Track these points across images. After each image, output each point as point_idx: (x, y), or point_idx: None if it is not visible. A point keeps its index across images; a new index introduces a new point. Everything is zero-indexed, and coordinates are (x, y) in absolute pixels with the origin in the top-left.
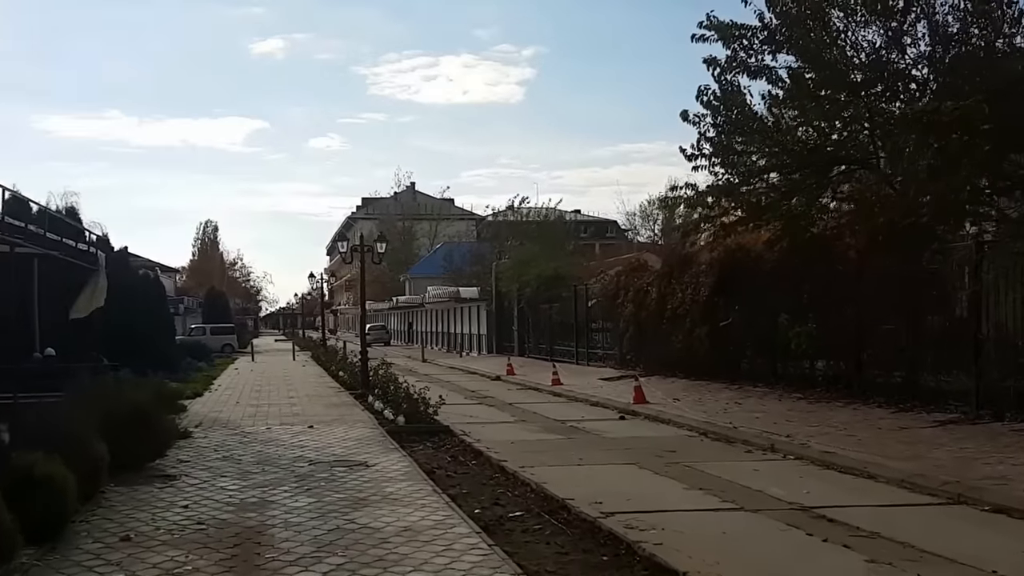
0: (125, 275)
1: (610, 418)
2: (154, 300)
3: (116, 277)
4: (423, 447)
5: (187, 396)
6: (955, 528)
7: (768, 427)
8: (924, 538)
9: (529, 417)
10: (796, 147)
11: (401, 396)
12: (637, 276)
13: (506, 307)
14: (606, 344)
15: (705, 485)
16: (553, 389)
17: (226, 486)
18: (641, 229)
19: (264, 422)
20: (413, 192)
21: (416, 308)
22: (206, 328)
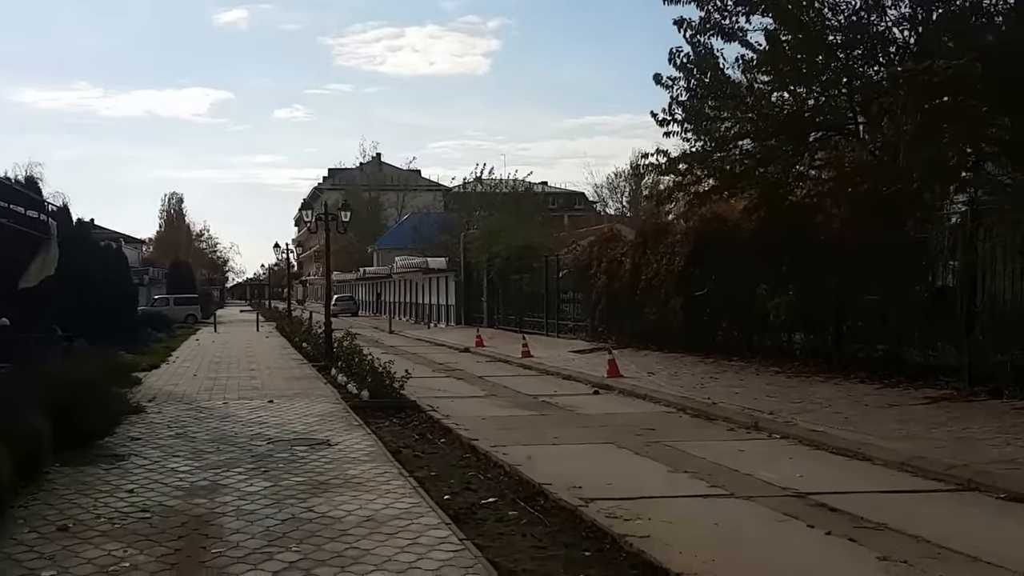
0: (84, 246)
1: (583, 392)
2: (114, 271)
3: (75, 248)
4: (389, 424)
5: (143, 368)
6: (971, 519)
7: (749, 403)
8: (938, 531)
9: (500, 391)
10: (771, 112)
11: (365, 369)
12: (610, 247)
13: (475, 278)
14: (577, 316)
15: (690, 467)
16: (524, 362)
17: (177, 467)
18: (609, 201)
19: (222, 396)
20: (379, 163)
21: (384, 279)
22: (169, 299)
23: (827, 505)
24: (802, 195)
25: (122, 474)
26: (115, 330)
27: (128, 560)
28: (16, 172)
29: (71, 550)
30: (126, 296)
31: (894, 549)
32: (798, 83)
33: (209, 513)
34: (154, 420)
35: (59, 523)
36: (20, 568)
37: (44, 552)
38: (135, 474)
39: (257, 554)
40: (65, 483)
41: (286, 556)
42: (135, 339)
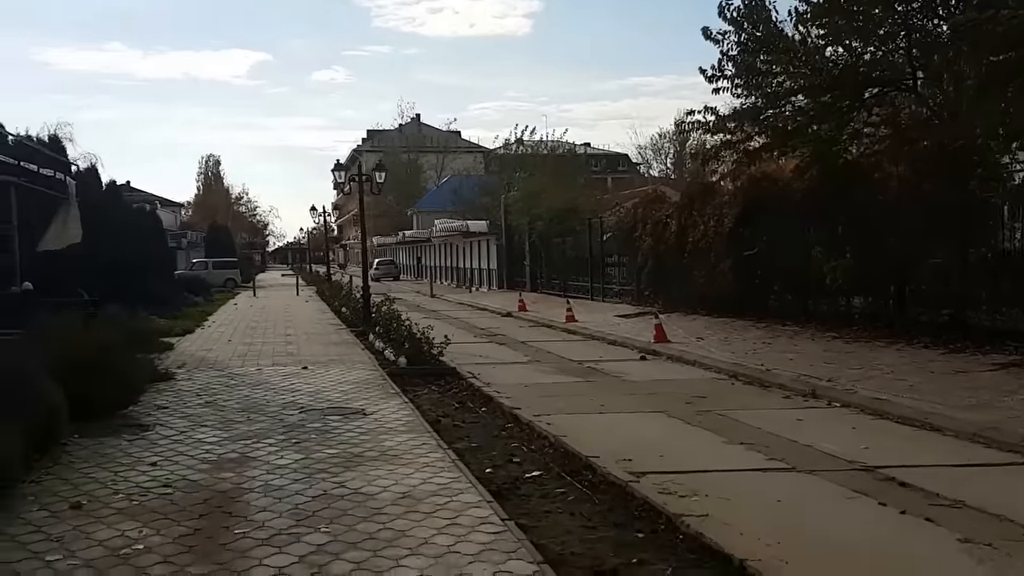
0: (116, 208)
1: (630, 358)
2: (149, 234)
3: (105, 210)
4: (427, 392)
5: (176, 333)
6: None
7: (805, 369)
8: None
9: (543, 357)
10: (825, 67)
11: (403, 335)
12: (655, 208)
13: (516, 241)
14: (622, 279)
15: (746, 438)
16: (568, 326)
17: (204, 438)
18: (653, 162)
19: (255, 362)
20: (418, 124)
21: (424, 242)
22: (208, 263)
23: (897, 479)
24: (857, 153)
25: (145, 446)
26: (149, 294)
27: (142, 541)
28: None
29: (82, 530)
30: (161, 260)
31: (976, 530)
32: (854, 37)
33: (235, 488)
34: (183, 388)
35: (72, 500)
36: (22, 551)
37: (52, 533)
38: (159, 446)
39: (283, 535)
40: (83, 456)
41: (314, 538)
42: (170, 303)
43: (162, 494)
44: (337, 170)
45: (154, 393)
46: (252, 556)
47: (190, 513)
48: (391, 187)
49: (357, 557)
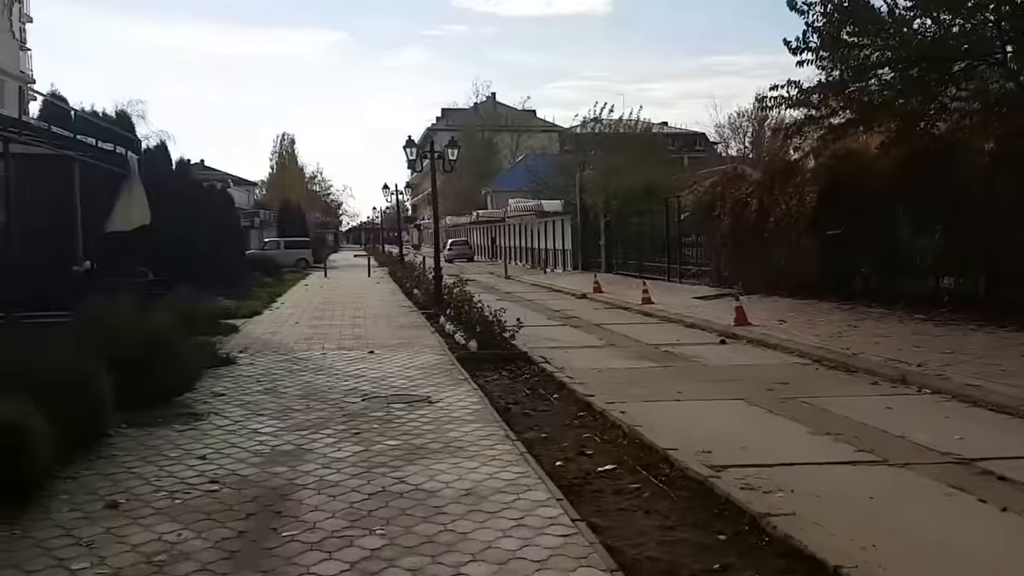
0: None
1: (709, 342)
2: (219, 213)
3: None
4: (497, 377)
5: (243, 315)
6: None
7: (893, 354)
8: None
9: (618, 340)
10: (914, 40)
11: (474, 318)
12: (735, 187)
13: (591, 221)
14: (700, 260)
15: (832, 428)
16: (644, 309)
17: (260, 428)
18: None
19: (321, 346)
20: (493, 103)
21: (498, 223)
22: (280, 242)
23: (995, 473)
24: (945, 129)
25: (196, 437)
26: (217, 274)
27: (181, 546)
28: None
29: (115, 533)
30: (232, 239)
31: None
32: (942, 8)
33: (287, 485)
34: (243, 373)
35: (109, 498)
36: (47, 558)
37: (82, 536)
38: (211, 436)
39: (335, 538)
40: (128, 447)
41: (369, 541)
42: (239, 284)
43: (208, 491)
44: (409, 147)
45: (213, 379)
46: (299, 563)
47: (236, 513)
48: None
49: (414, 563)
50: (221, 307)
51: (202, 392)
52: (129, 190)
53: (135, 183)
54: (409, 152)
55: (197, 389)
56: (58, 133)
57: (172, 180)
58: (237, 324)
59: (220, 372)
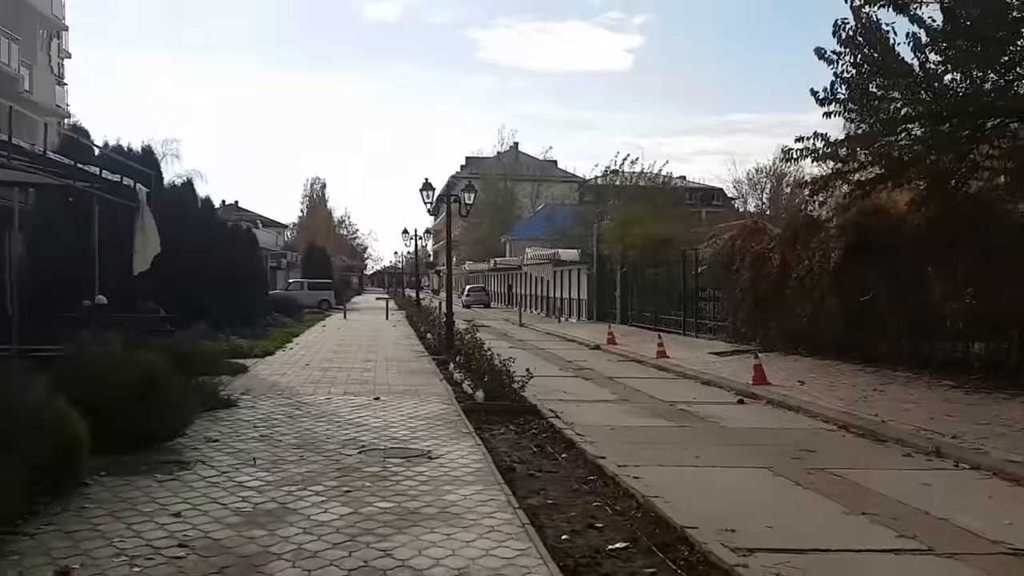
0: (210, 225)
1: (726, 401)
2: (242, 252)
3: (199, 226)
4: (504, 431)
5: (255, 355)
6: None
7: (924, 423)
8: None
9: (632, 396)
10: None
11: (483, 367)
12: (755, 241)
13: (608, 271)
14: (717, 314)
15: (868, 507)
16: (659, 363)
17: (246, 481)
18: (749, 197)
19: (327, 390)
20: (516, 152)
21: (515, 270)
22: (304, 283)
23: None
24: (978, 188)
25: (177, 489)
26: (235, 313)
27: None
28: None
29: None
30: (253, 278)
31: None
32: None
33: (261, 554)
34: (242, 417)
35: (62, 563)
36: None
37: None
38: (192, 489)
39: None
40: (101, 499)
41: None
42: (258, 323)
43: (173, 557)
44: (425, 190)
45: (210, 421)
46: None
47: None
48: (486, 214)
49: None
50: (234, 346)
51: (195, 437)
52: (142, 226)
53: (146, 216)
54: (426, 195)
55: (190, 434)
56: (55, 159)
57: (196, 218)
58: (247, 364)
59: (219, 415)
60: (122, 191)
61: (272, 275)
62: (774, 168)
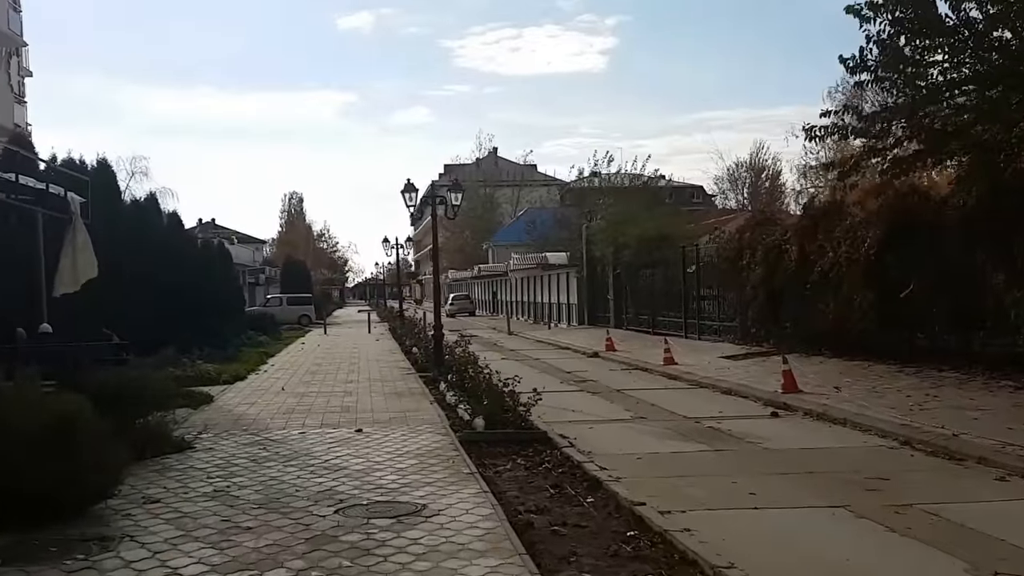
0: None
1: (757, 414)
2: (214, 269)
3: (163, 242)
4: (510, 467)
5: (224, 380)
6: None
7: (1003, 435)
8: None
9: (648, 412)
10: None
11: (480, 386)
12: (766, 232)
13: (599, 273)
14: (722, 314)
15: (995, 561)
16: (667, 370)
17: (183, 567)
18: (730, 193)
19: (301, 422)
20: (495, 158)
21: (500, 277)
22: (282, 299)
23: None
24: None
25: None
26: (204, 334)
27: None
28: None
29: None
30: (227, 296)
31: None
32: None
33: None
34: (196, 464)
35: None
36: None
37: None
38: None
39: None
40: None
41: None
42: (231, 343)
43: None
44: (408, 191)
45: (154, 472)
46: None
47: None
48: (467, 222)
49: None
50: (200, 372)
51: (131, 497)
52: (73, 241)
53: (79, 230)
54: (408, 198)
55: (126, 493)
56: None
57: (160, 235)
58: (213, 393)
59: (168, 462)
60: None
61: (250, 291)
62: (754, 162)
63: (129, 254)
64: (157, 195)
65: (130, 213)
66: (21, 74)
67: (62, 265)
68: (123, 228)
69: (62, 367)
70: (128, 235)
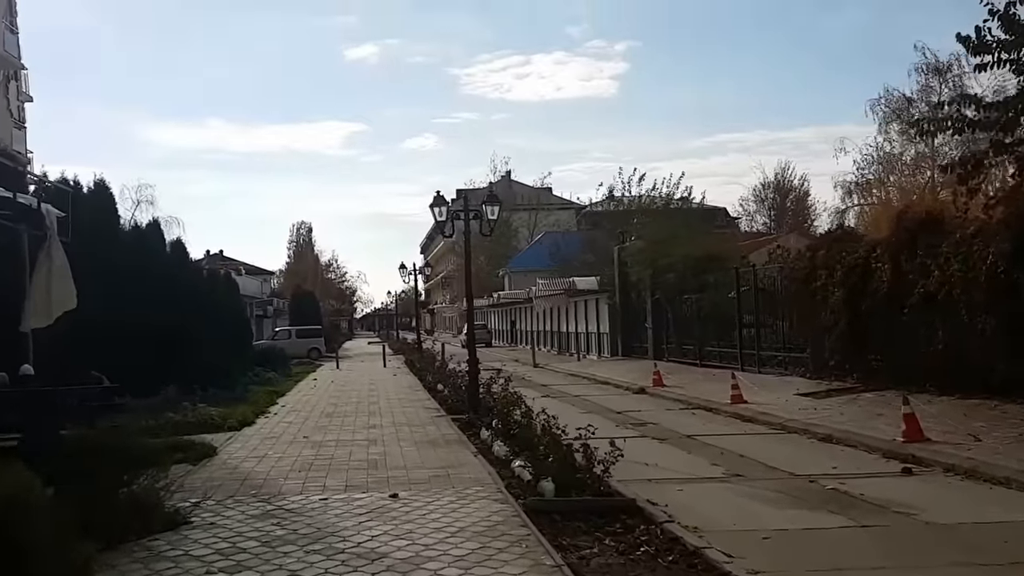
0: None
1: (884, 471)
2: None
3: (165, 272)
4: (598, 551)
5: (229, 426)
6: None
7: None
8: None
9: (742, 466)
10: None
11: (541, 440)
12: (846, 249)
13: (634, 299)
14: (788, 344)
15: None
16: (737, 410)
17: None
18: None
19: (321, 482)
20: (509, 182)
21: (520, 304)
22: (291, 331)
23: None
24: None
25: None
26: (213, 372)
27: None
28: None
29: None
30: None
31: None
32: None
33: None
34: (191, 550)
35: None
36: None
37: None
38: None
39: None
40: None
41: None
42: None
43: None
44: (437, 205)
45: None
46: None
47: None
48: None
49: None
50: (202, 417)
51: None
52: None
53: (55, 251)
54: (438, 212)
55: None
56: None
57: (163, 265)
58: (217, 443)
59: (157, 546)
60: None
61: (258, 324)
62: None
63: (128, 284)
64: (162, 223)
65: (129, 240)
66: (21, 99)
67: (34, 293)
68: (121, 256)
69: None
70: (127, 263)
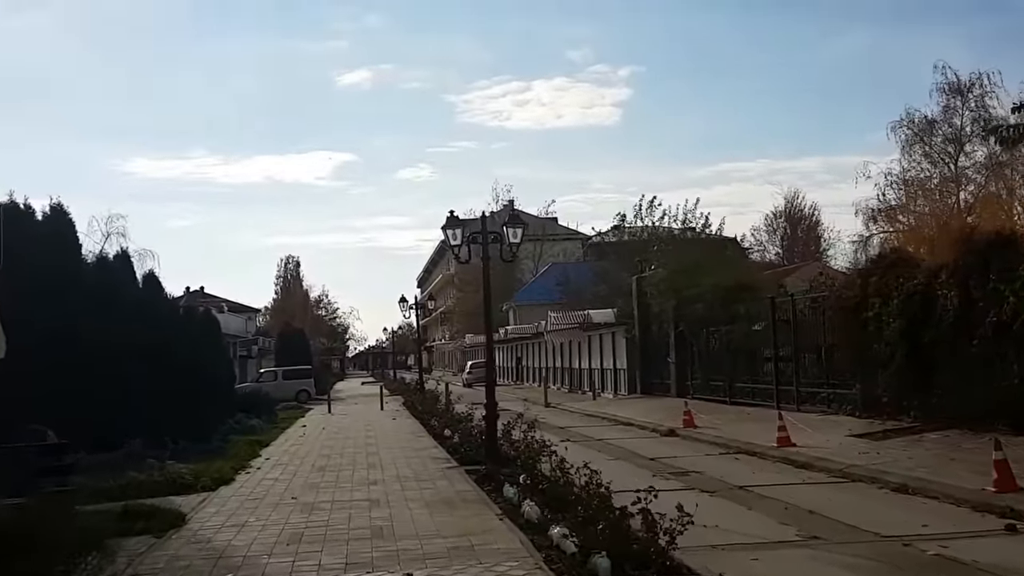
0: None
1: (985, 529)
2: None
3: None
4: None
5: (202, 486)
6: None
7: None
8: None
9: (817, 526)
10: None
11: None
12: (902, 275)
13: (655, 332)
14: (831, 379)
15: None
16: (786, 454)
17: None
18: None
19: (315, 558)
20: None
21: (528, 340)
22: (277, 372)
23: None
24: None
25: None
26: (186, 422)
27: None
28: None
29: None
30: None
31: None
32: None
33: None
34: None
35: None
36: None
37: None
38: None
39: None
40: None
41: None
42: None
43: None
44: (450, 228)
45: None
46: None
47: None
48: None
49: None
50: (170, 475)
51: None
52: None
53: None
54: (452, 235)
55: None
56: None
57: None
58: (185, 509)
59: None
60: None
61: (241, 365)
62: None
63: (87, 321)
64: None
65: (92, 272)
66: None
67: None
68: (81, 290)
69: None
70: (88, 299)
